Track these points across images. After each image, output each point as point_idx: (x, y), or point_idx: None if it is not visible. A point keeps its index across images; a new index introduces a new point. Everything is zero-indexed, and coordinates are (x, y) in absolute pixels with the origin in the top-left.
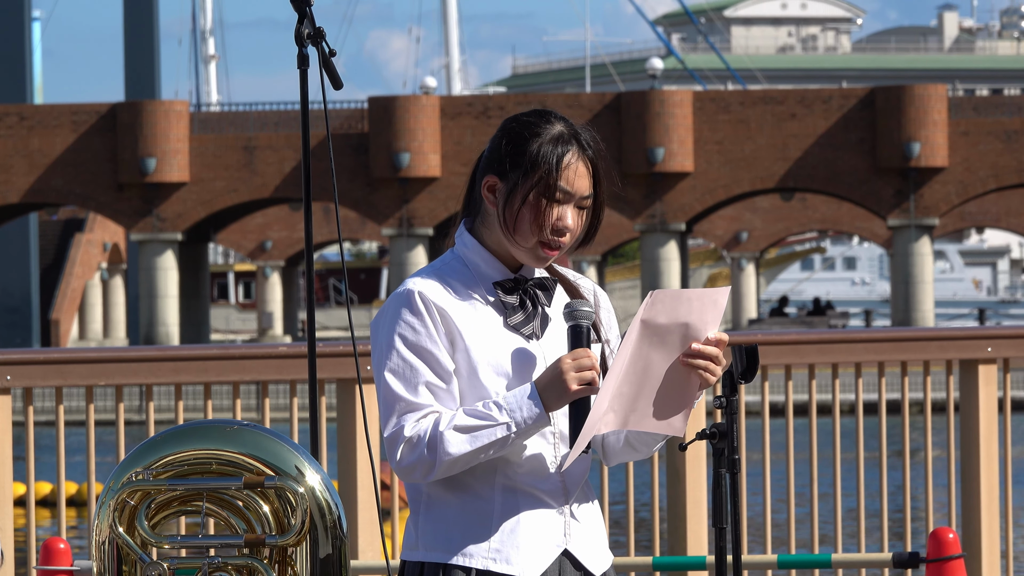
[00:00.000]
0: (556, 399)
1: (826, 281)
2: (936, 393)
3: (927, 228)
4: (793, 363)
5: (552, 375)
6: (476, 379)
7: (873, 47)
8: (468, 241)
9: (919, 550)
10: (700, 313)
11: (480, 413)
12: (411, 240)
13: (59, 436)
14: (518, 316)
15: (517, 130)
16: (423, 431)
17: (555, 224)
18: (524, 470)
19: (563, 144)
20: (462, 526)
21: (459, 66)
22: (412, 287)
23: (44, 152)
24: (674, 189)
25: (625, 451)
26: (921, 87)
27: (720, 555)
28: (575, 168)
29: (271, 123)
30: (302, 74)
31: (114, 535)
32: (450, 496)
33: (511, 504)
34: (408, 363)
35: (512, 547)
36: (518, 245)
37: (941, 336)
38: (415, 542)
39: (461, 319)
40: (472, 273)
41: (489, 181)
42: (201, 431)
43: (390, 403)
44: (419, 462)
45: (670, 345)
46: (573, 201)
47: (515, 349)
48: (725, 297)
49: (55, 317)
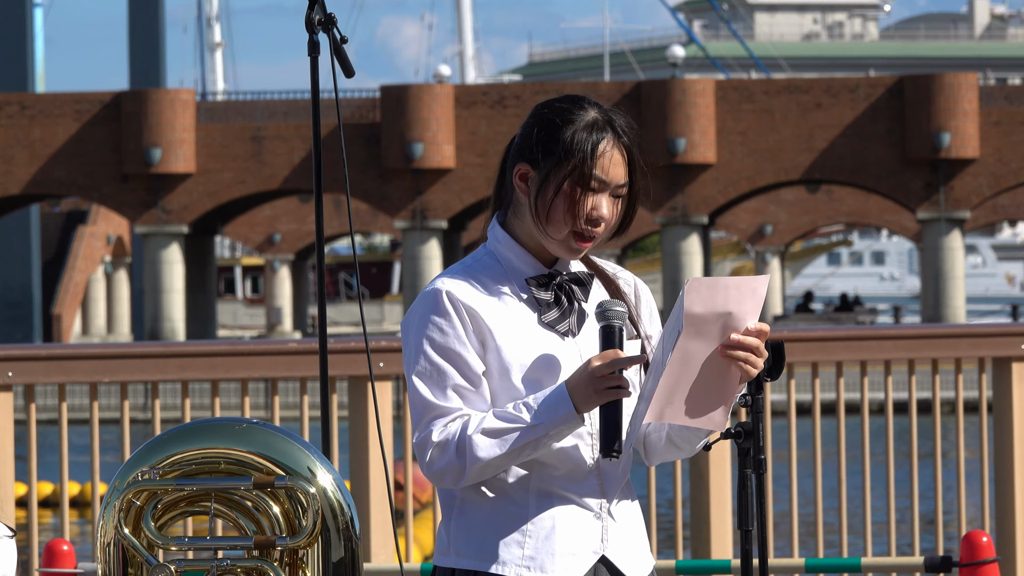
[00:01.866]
0: (586, 401)
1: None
2: (968, 392)
3: (958, 221)
4: (820, 360)
5: (581, 376)
6: (508, 380)
7: (902, 34)
8: (500, 235)
9: (951, 554)
10: (739, 303)
11: (510, 416)
12: (424, 233)
13: (62, 435)
14: (552, 313)
15: (550, 116)
16: (451, 435)
17: (589, 214)
18: (560, 473)
19: (598, 131)
20: (495, 531)
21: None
22: (440, 287)
23: (46, 142)
24: (696, 181)
25: (668, 449)
26: (951, 75)
27: (746, 558)
28: (610, 156)
29: (280, 112)
30: (313, 61)
31: (119, 536)
32: (483, 500)
33: (546, 508)
34: (436, 366)
35: (547, 554)
36: (550, 237)
37: (973, 333)
38: (447, 547)
39: (492, 318)
40: (504, 269)
41: (521, 169)
42: (209, 429)
43: (419, 408)
44: (448, 467)
45: (709, 336)
46: (608, 190)
47: (550, 348)
48: (765, 285)
49: (57, 312)
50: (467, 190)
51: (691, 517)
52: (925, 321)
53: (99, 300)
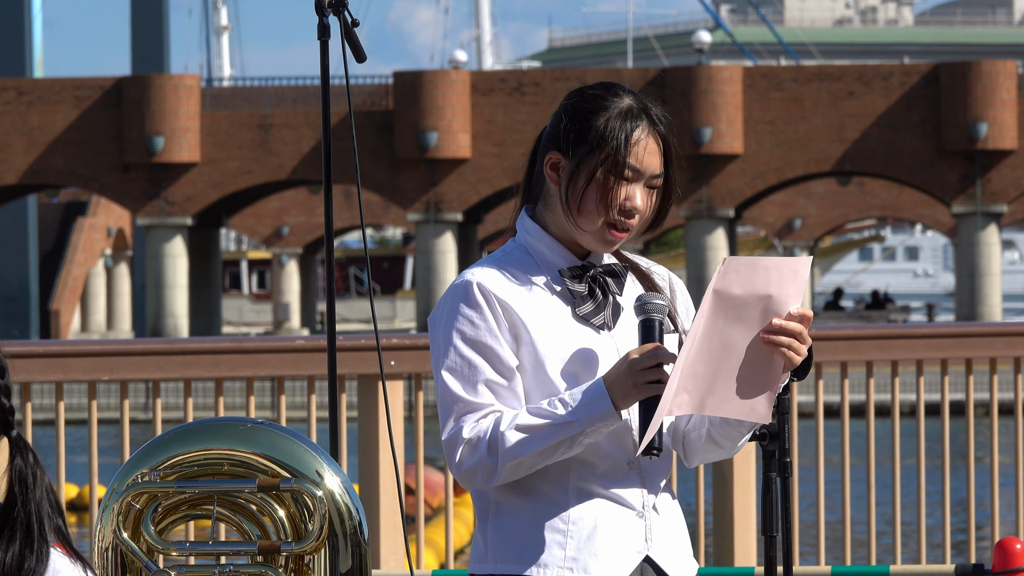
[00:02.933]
0: (624, 396)
1: (886, 272)
2: (1003, 393)
3: (994, 215)
4: (849, 360)
5: (619, 371)
6: (543, 374)
7: (937, 20)
8: (530, 227)
9: (984, 562)
10: (780, 285)
11: (545, 412)
12: (439, 226)
13: (59, 435)
14: (587, 306)
15: (582, 104)
16: (483, 432)
17: (623, 204)
18: (600, 471)
19: (632, 119)
20: (534, 534)
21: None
22: (470, 278)
23: (44, 130)
24: (722, 172)
25: (708, 448)
26: (989, 63)
27: (770, 565)
28: (645, 144)
29: (288, 99)
30: (322, 46)
31: (118, 541)
32: (520, 502)
33: (587, 508)
34: (467, 360)
35: (589, 555)
36: (581, 229)
37: (1009, 332)
38: (484, 553)
39: (525, 311)
40: (536, 261)
41: (552, 158)
42: (212, 430)
43: (448, 404)
44: (479, 465)
45: (748, 320)
46: (643, 180)
47: (585, 341)
48: (807, 267)
49: (55, 307)
50: (483, 181)
51: (714, 522)
52: (960, 319)
53: (99, 295)
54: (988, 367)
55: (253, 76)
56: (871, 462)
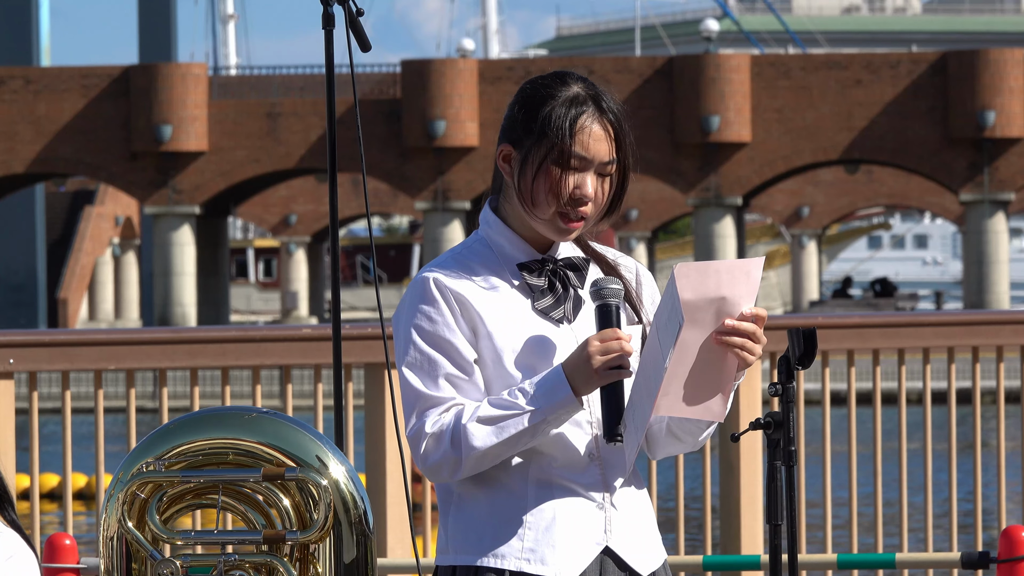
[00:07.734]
0: (585, 383)
1: (894, 260)
2: (1010, 381)
3: (1003, 203)
4: (856, 348)
5: (579, 357)
6: (502, 367)
7: (945, 8)
8: (491, 220)
9: (990, 549)
10: (732, 287)
11: (505, 402)
12: (446, 215)
13: (66, 424)
14: (547, 300)
15: (530, 93)
16: (445, 425)
17: (573, 193)
18: (559, 463)
19: (577, 105)
20: (493, 525)
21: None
22: (427, 275)
23: (52, 118)
24: (730, 160)
25: (669, 442)
26: (997, 51)
27: (775, 554)
28: (590, 131)
29: (296, 88)
30: (327, 35)
31: (123, 530)
32: (480, 493)
33: (546, 499)
34: (426, 356)
35: (547, 546)
36: (537, 218)
37: (1015, 320)
38: (446, 545)
39: (482, 305)
40: (496, 255)
41: (504, 150)
42: (218, 419)
43: (411, 400)
44: (444, 459)
45: (702, 323)
46: (592, 168)
47: (543, 334)
48: (759, 268)
49: (63, 296)
50: (491, 170)
51: (720, 511)
52: (967, 307)
53: (106, 284)
54: (995, 355)
55: (260, 65)
56: (877, 450)
